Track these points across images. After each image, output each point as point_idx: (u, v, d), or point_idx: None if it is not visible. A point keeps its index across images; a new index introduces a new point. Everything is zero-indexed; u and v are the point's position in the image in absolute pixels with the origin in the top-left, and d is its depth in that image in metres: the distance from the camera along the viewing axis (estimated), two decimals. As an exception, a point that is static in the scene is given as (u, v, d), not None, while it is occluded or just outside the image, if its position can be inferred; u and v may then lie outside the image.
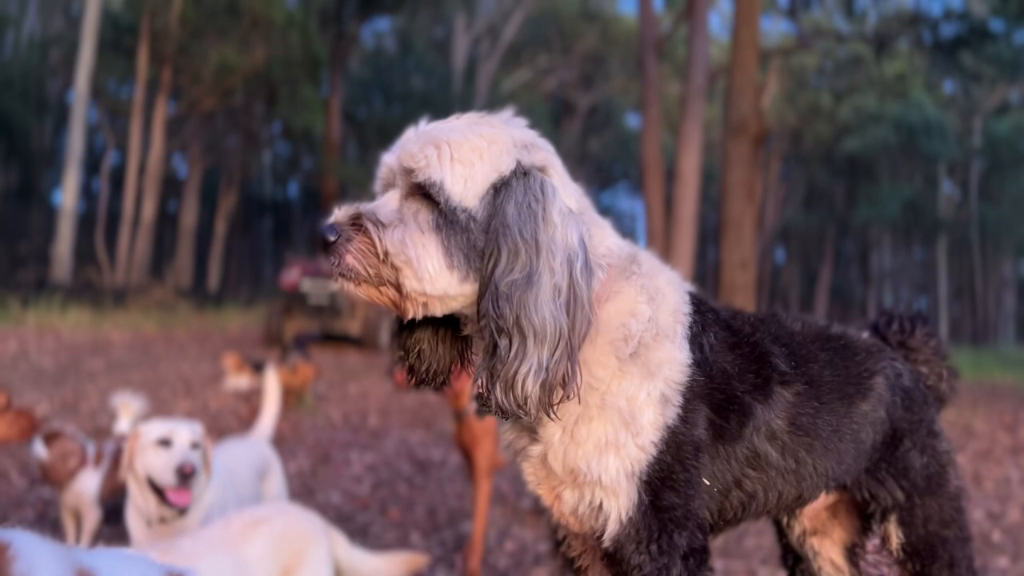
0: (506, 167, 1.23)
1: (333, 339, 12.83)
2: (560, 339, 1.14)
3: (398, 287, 1.18)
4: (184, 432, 2.47)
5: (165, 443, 2.43)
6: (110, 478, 3.29)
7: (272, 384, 3.42)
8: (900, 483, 1.41)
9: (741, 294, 11.34)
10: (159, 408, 7.43)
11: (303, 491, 4.60)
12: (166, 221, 21.83)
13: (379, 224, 1.19)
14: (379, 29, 34.70)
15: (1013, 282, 41.92)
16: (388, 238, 1.18)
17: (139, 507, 2.48)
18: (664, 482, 1.19)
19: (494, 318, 1.14)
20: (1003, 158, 36.02)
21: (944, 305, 37.72)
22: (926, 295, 42.74)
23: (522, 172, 1.24)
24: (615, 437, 1.19)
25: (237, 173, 24.83)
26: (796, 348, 1.34)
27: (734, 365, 1.27)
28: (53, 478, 3.30)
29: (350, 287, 1.19)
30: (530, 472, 1.28)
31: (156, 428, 2.49)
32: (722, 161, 11.83)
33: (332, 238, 1.18)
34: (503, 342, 1.13)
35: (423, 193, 1.21)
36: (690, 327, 1.26)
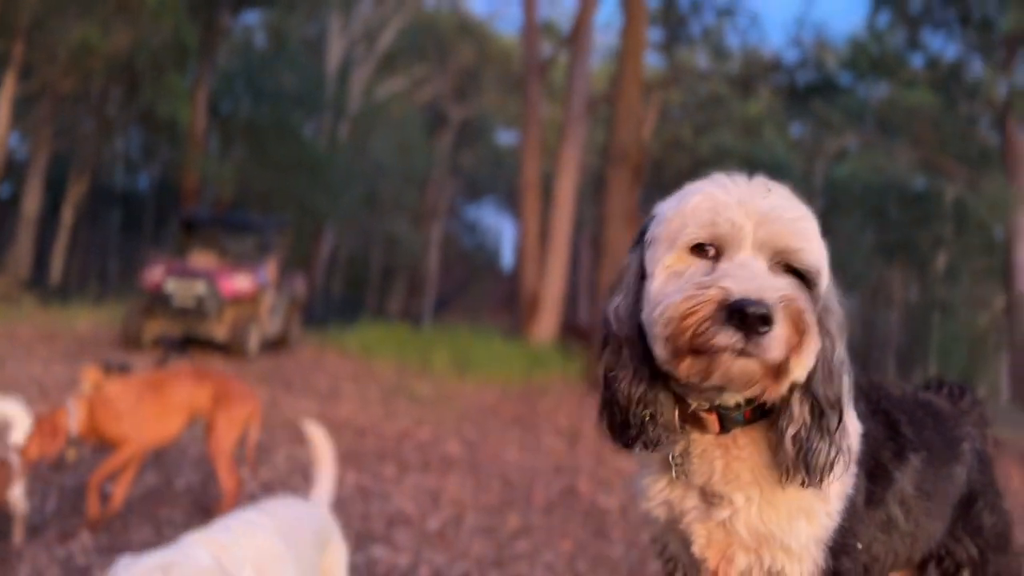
0: None
1: (197, 343, 12.23)
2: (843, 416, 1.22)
3: (782, 372, 1.13)
4: None
5: None
6: None
7: (322, 439, 3.02)
8: (975, 540, 1.53)
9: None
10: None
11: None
12: (4, 206, 20.13)
13: (802, 311, 1.12)
14: (248, 23, 33.57)
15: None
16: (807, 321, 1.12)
17: None
18: (842, 548, 1.26)
19: (824, 396, 1.19)
20: (840, 200, 39.13)
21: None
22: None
23: None
24: (808, 504, 1.24)
25: (90, 160, 23.24)
26: (910, 415, 1.44)
27: (878, 432, 1.36)
28: None
29: (743, 364, 1.09)
30: (702, 534, 1.29)
31: None
32: (602, 188, 12.24)
33: (763, 328, 1.06)
34: (830, 418, 1.19)
35: (794, 273, 1.17)
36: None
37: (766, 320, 1.06)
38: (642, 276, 1.24)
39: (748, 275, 1.11)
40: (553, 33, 29.29)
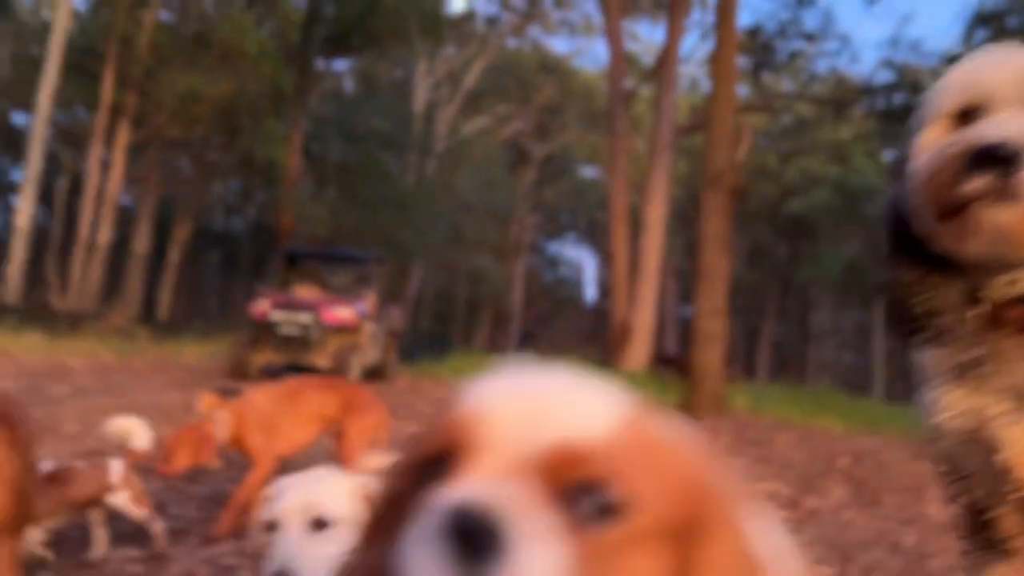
0: None
1: (301, 371, 12.57)
2: None
3: None
4: None
5: None
6: None
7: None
8: None
9: (714, 342, 11.58)
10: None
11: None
12: (117, 248, 21.27)
13: None
14: (338, 69, 34.87)
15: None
16: None
17: None
18: None
19: None
20: (937, 226, 37.74)
21: (879, 366, 38.94)
22: (862, 354, 44.06)
23: None
24: None
25: (192, 203, 24.43)
26: None
27: None
28: None
29: (998, 213, 1.02)
30: (1015, 439, 1.19)
31: None
32: (699, 213, 12.14)
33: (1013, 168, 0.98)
34: None
35: None
36: None
37: (1014, 160, 0.98)
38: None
39: (998, 125, 1.03)
40: (635, 67, 29.40)
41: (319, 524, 1.58)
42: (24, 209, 16.20)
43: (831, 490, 6.99)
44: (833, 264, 37.92)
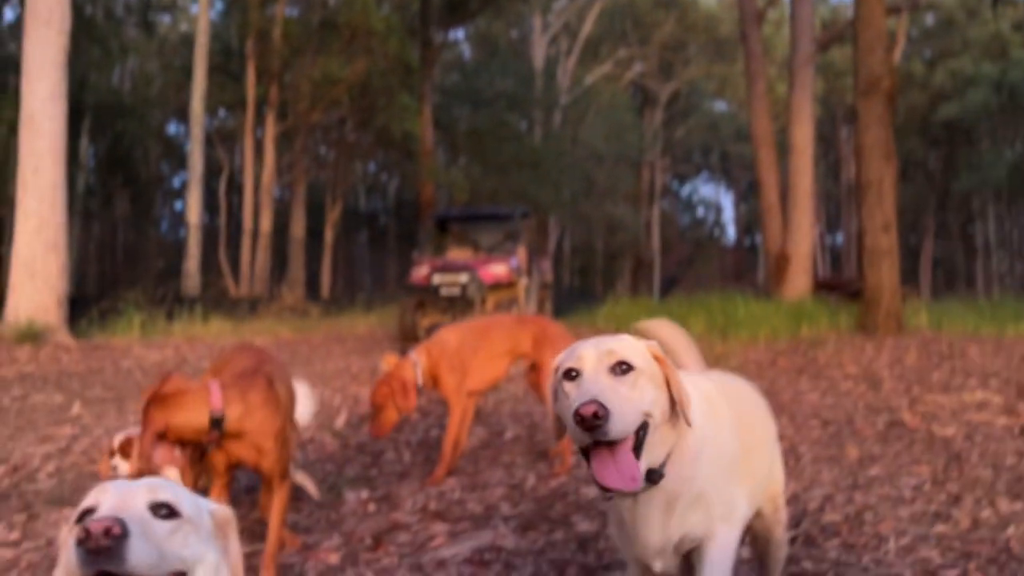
0: None
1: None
2: None
3: None
4: None
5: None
6: None
7: (673, 334, 2.59)
8: None
9: (887, 258, 10.98)
10: (347, 394, 7.62)
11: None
12: (278, 235, 22.45)
13: None
14: (457, 36, 35.11)
15: None
16: None
17: None
18: None
19: None
20: (1116, 112, 34.09)
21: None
22: (1039, 263, 40.69)
23: None
24: None
25: (341, 184, 25.45)
26: None
27: None
28: None
29: None
30: None
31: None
32: (856, 122, 11.46)
33: None
34: None
35: None
36: None
37: None
38: None
39: None
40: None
41: (620, 367, 1.64)
42: (192, 207, 17.37)
43: (1048, 395, 6.54)
44: (995, 168, 35.04)
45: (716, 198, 59.28)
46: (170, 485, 1.31)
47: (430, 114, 25.55)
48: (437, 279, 12.57)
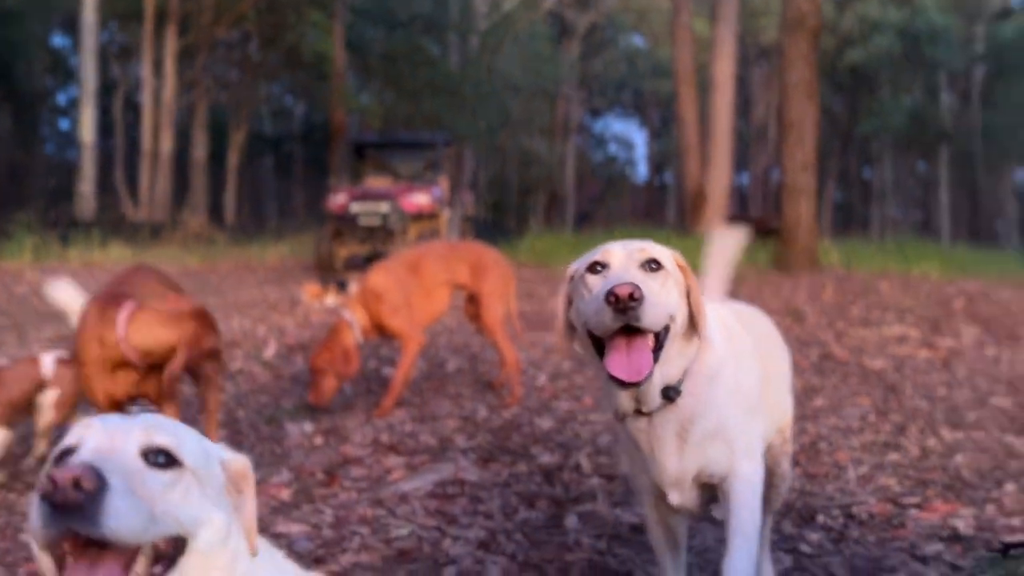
0: None
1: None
2: None
3: None
4: None
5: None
6: None
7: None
8: None
9: (805, 197, 11.21)
10: (270, 325, 7.29)
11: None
12: (178, 157, 21.27)
13: None
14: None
15: (1016, 190, 42.01)
16: None
17: None
18: None
19: None
20: (1007, 64, 35.70)
21: (945, 215, 37.83)
22: (927, 208, 42.85)
23: None
24: None
25: (245, 106, 24.21)
26: None
27: None
28: None
29: None
30: None
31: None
32: (781, 60, 11.52)
33: None
34: None
35: None
36: None
37: None
38: None
39: None
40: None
41: (650, 265, 1.58)
42: (86, 125, 16.17)
43: (961, 330, 6.82)
44: (895, 115, 36.36)
45: (628, 135, 59.74)
46: (173, 425, 1.07)
47: (342, 34, 24.49)
48: (356, 208, 12.14)
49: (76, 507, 0.85)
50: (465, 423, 4.01)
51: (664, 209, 43.03)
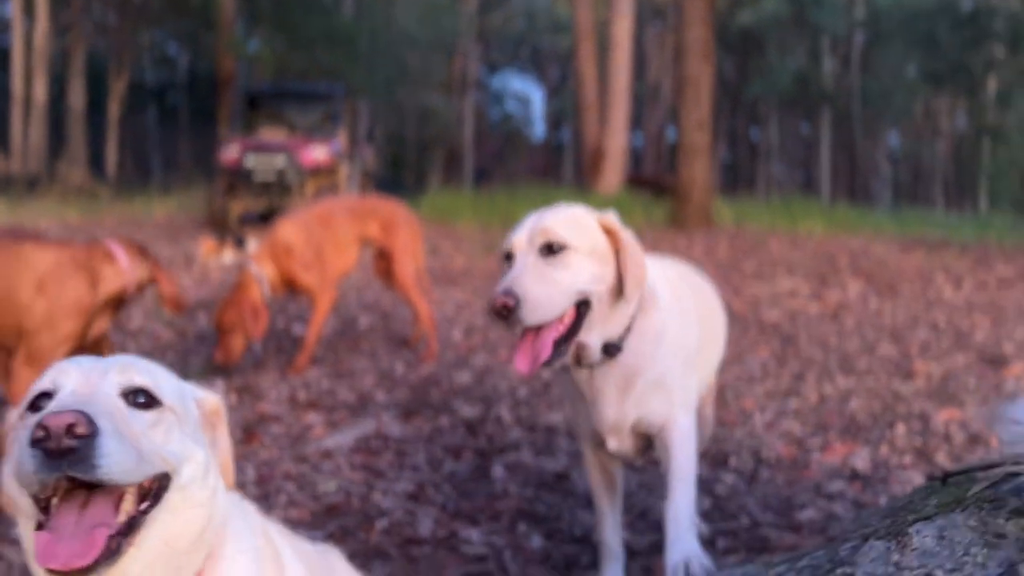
0: None
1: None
2: None
3: None
4: None
5: None
6: None
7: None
8: None
9: (700, 156, 11.52)
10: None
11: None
12: (54, 106, 19.92)
13: None
14: None
15: (889, 152, 44.41)
16: None
17: None
18: None
19: None
20: (884, 31, 37.44)
21: (826, 175, 39.69)
22: (809, 168, 44.82)
23: None
24: None
25: (127, 54, 22.78)
26: None
27: None
28: None
29: None
30: None
31: None
32: (678, 19, 11.72)
33: None
34: None
35: None
36: None
37: None
38: None
39: None
40: None
41: (549, 248, 1.59)
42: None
43: (847, 284, 7.23)
44: (782, 77, 37.71)
45: (526, 92, 59.53)
46: (146, 365, 1.06)
47: (231, -21, 23.36)
48: (251, 161, 11.68)
49: (70, 453, 0.86)
50: (383, 379, 3.99)
51: (561, 167, 43.40)
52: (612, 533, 1.90)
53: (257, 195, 11.81)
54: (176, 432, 1.02)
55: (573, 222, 1.62)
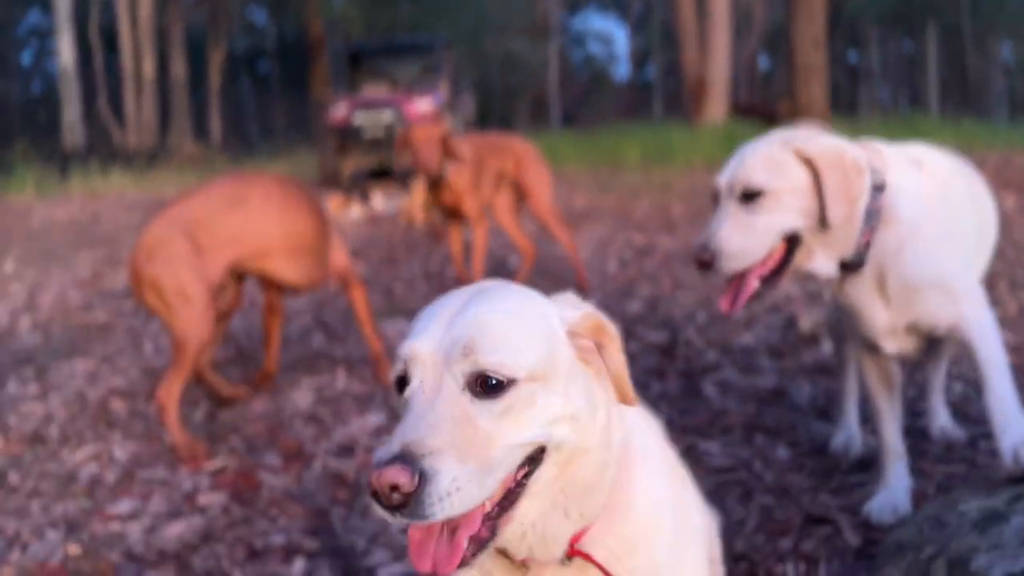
0: None
1: (389, 174, 12.37)
2: None
3: None
4: None
5: None
6: None
7: None
8: None
9: (816, 75, 11.03)
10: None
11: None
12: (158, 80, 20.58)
13: None
14: None
15: (1005, 63, 41.62)
16: None
17: None
18: None
19: None
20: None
21: (935, 92, 37.52)
22: (914, 87, 42.47)
23: None
24: None
25: (223, 23, 23.29)
26: None
27: None
28: None
29: None
30: None
31: None
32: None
33: None
34: None
35: None
36: None
37: None
38: None
39: None
40: None
41: (747, 197, 1.61)
42: (64, 51, 15.51)
43: (1003, 199, 6.82)
44: (883, -8, 35.64)
45: (607, 32, 58.26)
46: (499, 330, 0.89)
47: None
48: (359, 119, 11.81)
49: (401, 508, 0.82)
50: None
51: (650, 106, 42.41)
52: (893, 433, 1.84)
53: (367, 152, 11.95)
54: (542, 398, 0.88)
55: (770, 163, 1.61)
